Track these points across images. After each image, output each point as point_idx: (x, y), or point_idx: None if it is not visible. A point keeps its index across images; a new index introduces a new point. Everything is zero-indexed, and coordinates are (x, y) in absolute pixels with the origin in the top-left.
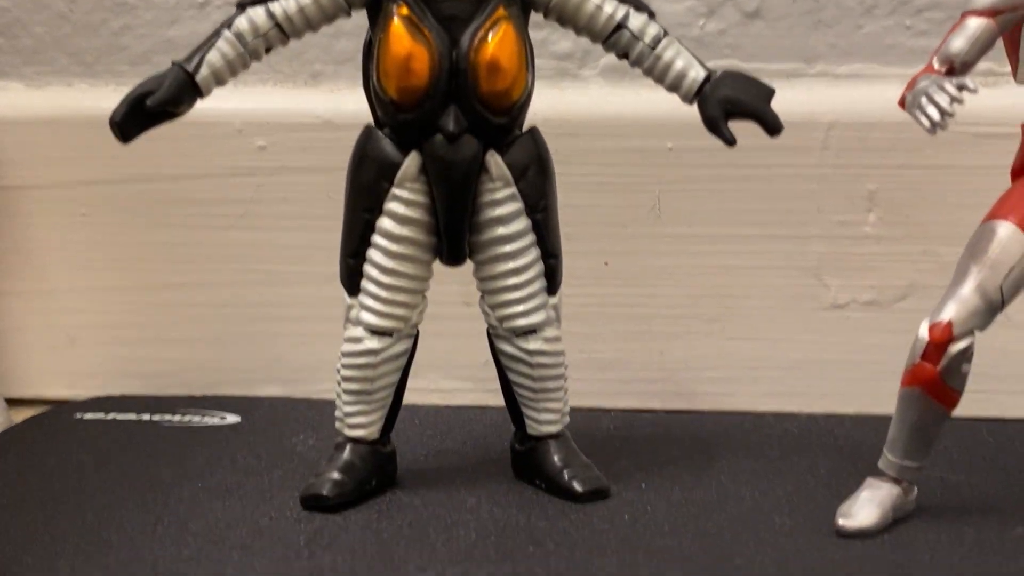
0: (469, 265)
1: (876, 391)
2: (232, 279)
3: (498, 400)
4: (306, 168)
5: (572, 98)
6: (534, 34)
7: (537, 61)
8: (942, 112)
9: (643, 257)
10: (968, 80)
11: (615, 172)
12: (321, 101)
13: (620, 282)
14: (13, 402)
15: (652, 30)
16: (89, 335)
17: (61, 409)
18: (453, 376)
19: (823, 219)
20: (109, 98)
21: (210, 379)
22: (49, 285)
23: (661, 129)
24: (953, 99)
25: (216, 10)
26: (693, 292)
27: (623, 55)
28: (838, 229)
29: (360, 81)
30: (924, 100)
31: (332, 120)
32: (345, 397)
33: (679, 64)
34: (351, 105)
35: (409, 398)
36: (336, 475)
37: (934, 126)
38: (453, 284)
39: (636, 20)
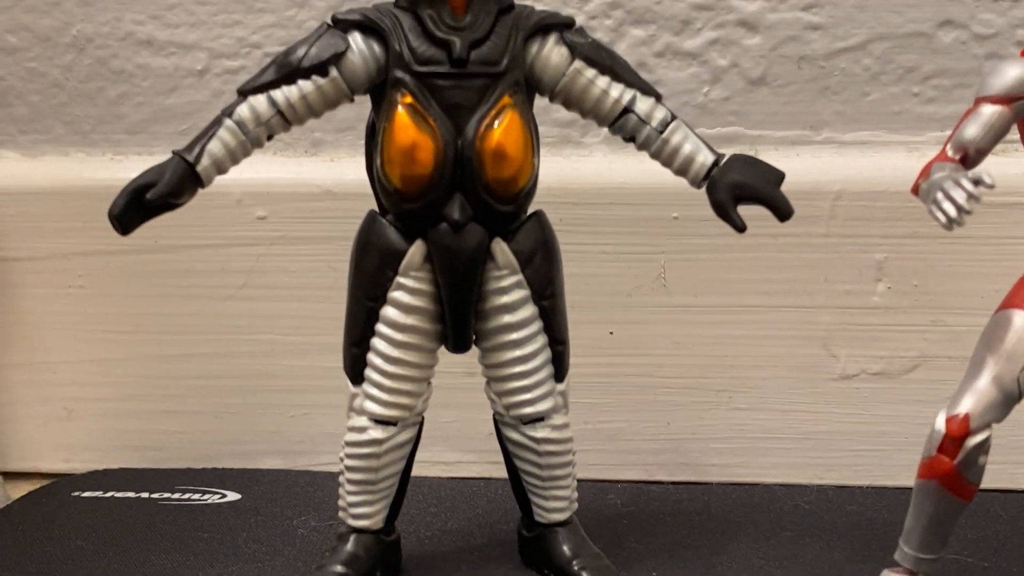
0: None
1: (888, 463)
2: (231, 350)
3: (503, 472)
4: (307, 238)
5: (575, 166)
6: (537, 101)
7: (540, 128)
8: (959, 209)
9: (649, 327)
10: (984, 175)
11: (620, 241)
12: (322, 170)
13: (626, 352)
14: (9, 475)
15: (659, 114)
16: (86, 407)
17: (58, 485)
18: (457, 448)
19: (831, 289)
20: (106, 167)
21: (209, 451)
22: (45, 357)
23: (666, 198)
24: (970, 195)
25: (215, 78)
26: (700, 362)
27: (630, 138)
28: (846, 299)
29: (361, 149)
30: (940, 195)
31: (332, 189)
32: (349, 487)
33: (687, 148)
34: (352, 174)
35: (413, 470)
36: (339, 568)
37: (951, 222)
38: (456, 355)
39: (643, 104)
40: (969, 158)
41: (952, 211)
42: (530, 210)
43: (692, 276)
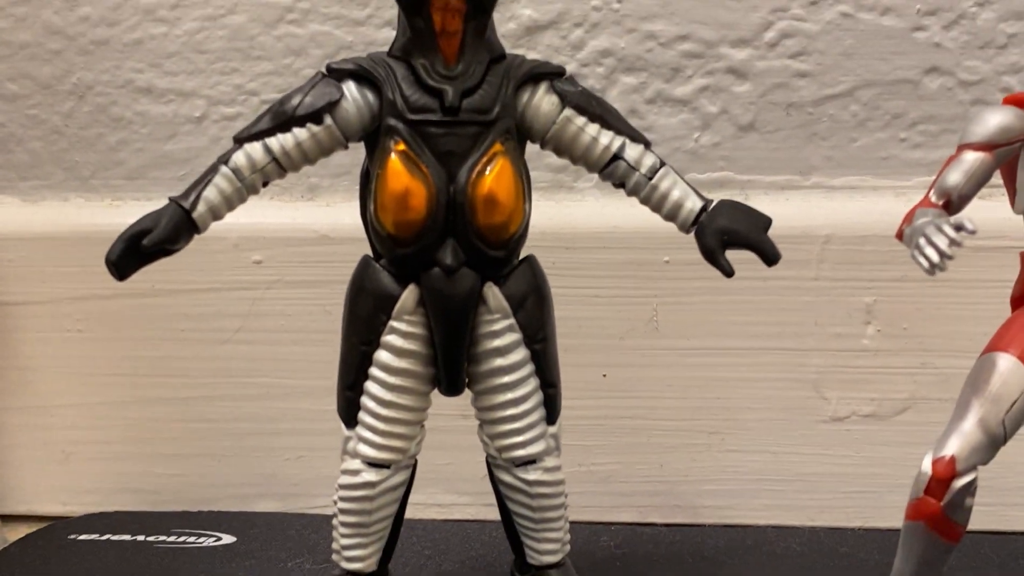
0: None
1: (879, 504)
2: (228, 393)
3: (498, 514)
4: (302, 282)
5: (568, 210)
6: (529, 146)
7: (532, 173)
8: (941, 254)
9: (641, 369)
10: (966, 221)
11: (612, 284)
12: (318, 215)
13: (618, 394)
14: (7, 518)
15: (648, 160)
16: (84, 451)
17: (55, 528)
18: (451, 490)
19: (821, 332)
20: (105, 213)
21: (206, 494)
22: (43, 401)
23: (658, 242)
24: (952, 241)
25: (213, 124)
26: (692, 404)
27: (620, 184)
28: (836, 342)
29: (356, 194)
30: (923, 241)
31: (328, 234)
32: (342, 530)
33: (676, 194)
34: (347, 219)
35: (407, 512)
36: None
37: (933, 268)
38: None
39: (632, 151)
40: (952, 204)
41: (935, 256)
42: (522, 254)
43: (684, 319)
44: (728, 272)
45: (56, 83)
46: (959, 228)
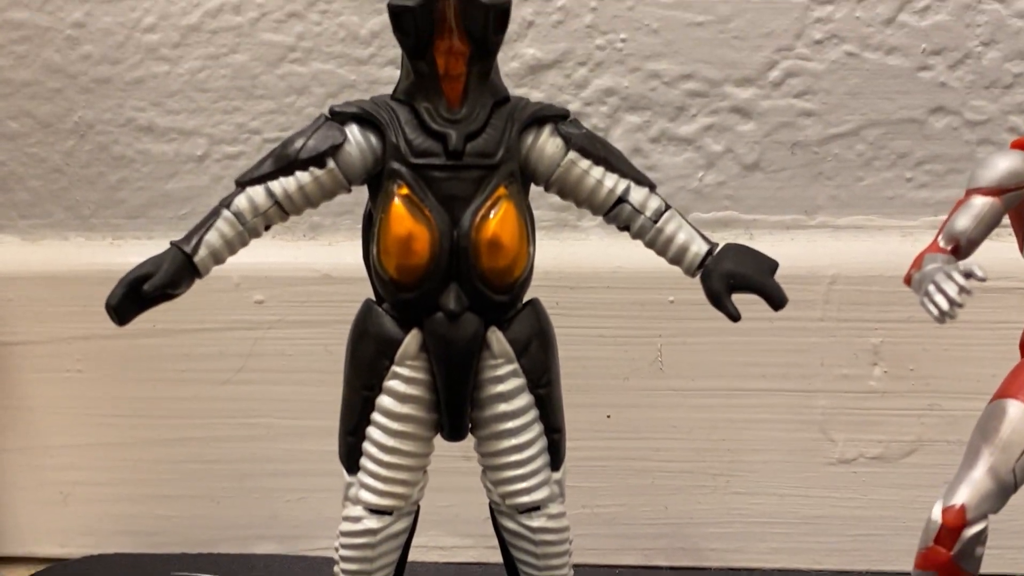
0: None
1: (886, 547)
2: (228, 434)
3: (500, 556)
4: (305, 322)
5: (572, 249)
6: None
7: (536, 212)
8: (951, 302)
9: (646, 410)
10: (976, 268)
11: (616, 324)
12: (320, 254)
13: (623, 435)
14: (4, 560)
15: (653, 203)
16: (82, 492)
17: (53, 571)
18: (454, 532)
19: (827, 373)
20: (105, 252)
21: (205, 536)
22: (42, 441)
23: (662, 281)
24: (961, 289)
25: (215, 163)
26: (697, 446)
27: (624, 227)
28: (843, 383)
29: (359, 232)
30: (932, 288)
31: (331, 273)
32: None
33: (681, 238)
34: (350, 258)
35: (410, 555)
36: None
37: (943, 315)
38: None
39: (637, 194)
40: (961, 249)
41: (944, 304)
42: (527, 297)
43: (689, 359)
44: (735, 317)
45: (57, 121)
46: (968, 275)
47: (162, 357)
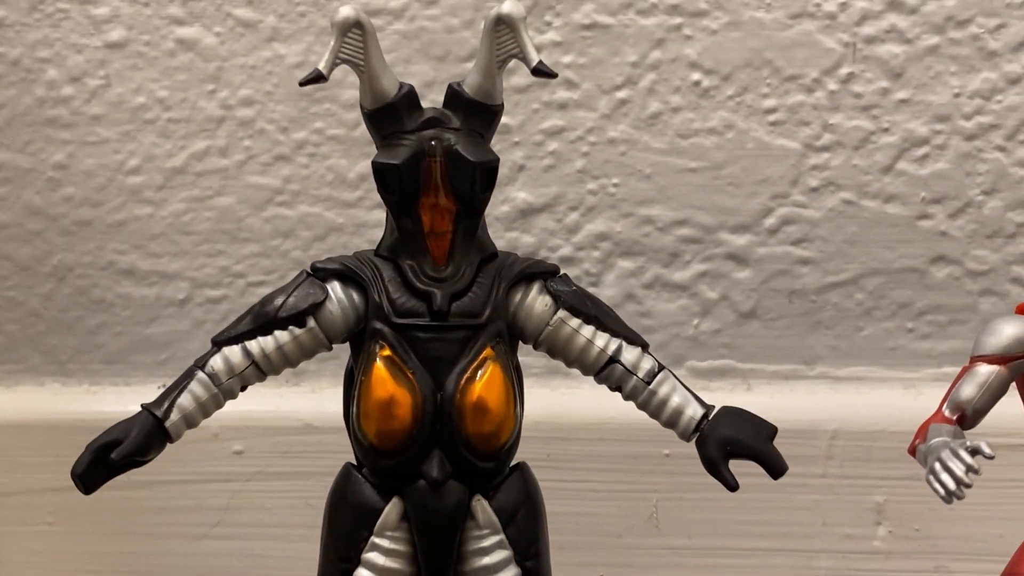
0: None
1: None
2: None
3: None
4: (285, 473)
5: (564, 399)
6: None
7: (526, 359)
8: (958, 481)
9: (640, 569)
10: (983, 445)
11: (609, 478)
12: (302, 402)
13: None
14: None
15: (646, 364)
16: None
17: None
18: None
19: (829, 532)
20: (81, 400)
21: None
22: None
23: (657, 434)
24: (968, 467)
25: (196, 307)
26: None
27: (616, 388)
28: (846, 543)
29: (343, 378)
30: (938, 466)
31: (313, 423)
32: None
33: (675, 401)
34: (333, 406)
35: None
36: None
37: (950, 495)
38: None
39: (629, 354)
40: (967, 418)
41: (951, 484)
42: (515, 459)
43: (685, 516)
44: (732, 487)
45: (36, 264)
46: (975, 452)
47: (137, 510)
